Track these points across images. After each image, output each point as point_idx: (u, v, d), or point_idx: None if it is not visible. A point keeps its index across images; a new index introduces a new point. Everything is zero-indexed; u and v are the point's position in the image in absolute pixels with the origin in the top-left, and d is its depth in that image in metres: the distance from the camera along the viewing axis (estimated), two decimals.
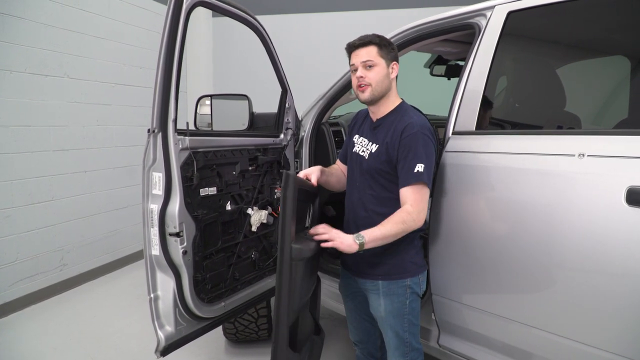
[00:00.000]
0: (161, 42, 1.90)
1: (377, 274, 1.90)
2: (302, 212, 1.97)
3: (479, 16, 2.10)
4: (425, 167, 1.74)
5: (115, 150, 4.58)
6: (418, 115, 1.88)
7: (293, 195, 1.66)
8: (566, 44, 2.19)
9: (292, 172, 1.72)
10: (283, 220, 1.64)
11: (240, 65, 5.76)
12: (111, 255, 4.65)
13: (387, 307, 1.90)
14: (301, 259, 1.69)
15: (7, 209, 3.56)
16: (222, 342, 3.24)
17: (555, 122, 2.03)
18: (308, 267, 1.89)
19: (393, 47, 1.88)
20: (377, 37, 1.87)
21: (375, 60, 1.83)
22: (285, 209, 1.65)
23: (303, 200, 1.88)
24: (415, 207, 1.74)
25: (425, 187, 1.77)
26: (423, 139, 1.77)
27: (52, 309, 3.78)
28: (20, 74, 3.58)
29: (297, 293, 1.77)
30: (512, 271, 1.83)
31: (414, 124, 1.79)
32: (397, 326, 1.91)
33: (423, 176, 1.74)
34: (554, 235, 1.68)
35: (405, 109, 1.90)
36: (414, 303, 1.92)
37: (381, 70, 1.84)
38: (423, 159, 1.75)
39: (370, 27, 3.60)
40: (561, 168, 1.68)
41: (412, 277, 1.89)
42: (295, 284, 1.70)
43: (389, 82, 1.88)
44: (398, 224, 1.71)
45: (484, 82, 2.00)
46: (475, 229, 1.93)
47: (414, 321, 1.94)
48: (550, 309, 1.73)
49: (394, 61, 1.88)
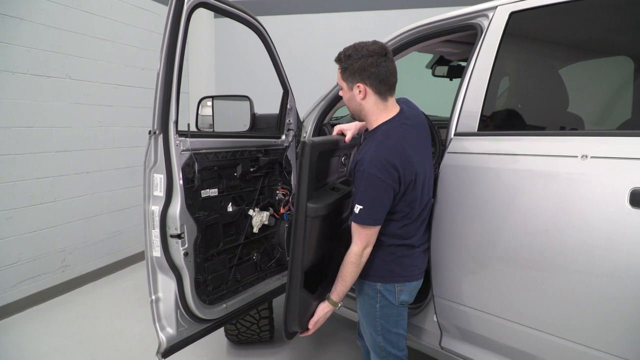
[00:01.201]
0: (162, 43, 1.90)
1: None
2: (332, 166, 2.12)
3: (481, 17, 2.10)
4: (364, 209, 1.72)
5: (117, 152, 4.58)
6: (380, 146, 1.73)
7: (310, 162, 1.76)
8: (569, 45, 2.18)
9: (309, 140, 1.78)
10: (299, 184, 1.77)
11: (242, 66, 5.75)
12: (113, 256, 4.65)
13: (360, 306, 1.98)
14: (315, 217, 1.80)
15: (9, 210, 3.57)
16: (224, 343, 3.24)
17: (558, 123, 2.02)
18: (327, 220, 1.95)
19: (357, 68, 1.75)
20: (344, 56, 1.79)
21: (340, 84, 1.86)
22: (301, 175, 1.77)
23: (329, 156, 2.05)
24: (358, 245, 1.79)
25: (358, 228, 1.77)
26: (367, 178, 1.70)
27: (54, 310, 3.78)
28: (23, 75, 3.58)
29: (314, 245, 1.88)
30: (514, 273, 1.82)
31: (364, 161, 1.73)
32: (370, 328, 1.96)
33: (359, 218, 1.75)
34: (557, 237, 1.67)
35: (378, 135, 1.78)
36: (386, 309, 1.91)
37: (345, 94, 1.86)
38: (362, 200, 1.73)
39: (371, 28, 3.61)
40: (564, 169, 1.67)
41: (384, 284, 1.89)
42: (311, 238, 1.83)
43: (357, 105, 1.83)
44: (353, 269, 1.81)
45: (486, 83, 1.99)
46: (477, 231, 1.93)
47: (388, 328, 1.93)
48: (553, 311, 1.72)
49: (358, 83, 1.78)
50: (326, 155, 2.01)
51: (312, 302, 1.93)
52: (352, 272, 1.82)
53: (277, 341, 3.24)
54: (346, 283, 1.84)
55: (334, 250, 2.17)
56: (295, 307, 1.86)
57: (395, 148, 1.74)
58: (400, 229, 1.86)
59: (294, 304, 1.85)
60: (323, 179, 2.04)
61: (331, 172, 2.16)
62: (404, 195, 1.79)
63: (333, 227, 2.09)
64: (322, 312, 1.93)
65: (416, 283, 1.95)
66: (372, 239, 1.80)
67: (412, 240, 1.89)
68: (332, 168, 2.16)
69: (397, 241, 1.87)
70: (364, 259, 1.81)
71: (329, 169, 2.11)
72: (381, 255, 1.88)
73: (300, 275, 1.83)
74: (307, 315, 1.93)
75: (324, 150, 1.90)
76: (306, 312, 1.92)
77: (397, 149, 1.74)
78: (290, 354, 3.11)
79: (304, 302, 1.88)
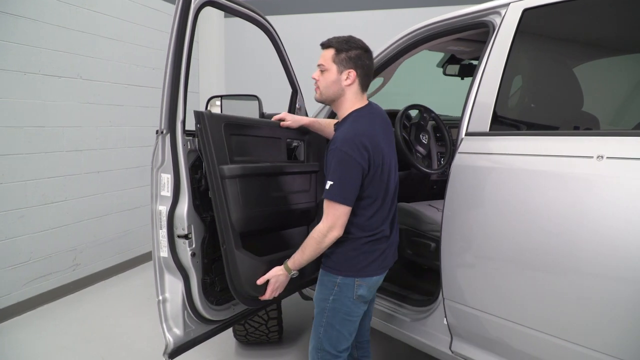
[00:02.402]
0: (169, 42, 1.90)
1: (322, 262, 1.99)
2: (266, 146, 2.23)
3: (493, 14, 2.06)
4: (335, 185, 1.77)
5: (128, 151, 4.60)
6: (352, 128, 1.83)
7: (210, 131, 1.91)
8: (584, 42, 2.14)
9: (206, 111, 1.96)
10: (207, 150, 1.91)
11: (252, 66, 5.74)
12: (123, 255, 4.67)
13: (317, 294, 2.00)
14: (231, 177, 1.94)
15: (21, 209, 3.59)
16: (232, 344, 3.23)
17: (572, 123, 1.98)
18: (254, 184, 2.08)
19: (353, 56, 1.86)
20: (340, 41, 1.87)
21: (327, 65, 1.89)
22: (205, 142, 1.91)
23: (250, 134, 2.17)
24: (325, 223, 1.82)
25: (334, 203, 1.79)
26: (339, 155, 1.77)
27: (65, 308, 3.80)
28: (34, 75, 3.60)
29: (243, 207, 1.98)
30: (526, 276, 1.77)
31: (336, 139, 1.82)
32: (317, 318, 1.99)
33: (329, 194, 1.79)
34: (571, 240, 1.63)
35: (349, 120, 1.89)
36: (337, 304, 1.92)
37: (330, 76, 1.88)
38: (333, 176, 1.78)
39: (380, 26, 3.57)
40: (578, 170, 1.63)
41: (344, 277, 1.91)
42: (236, 199, 1.95)
43: (339, 89, 1.89)
44: (314, 245, 1.84)
45: (498, 82, 1.95)
46: (488, 233, 1.89)
47: (333, 323, 1.94)
48: (568, 317, 1.68)
49: (350, 69, 1.86)
50: (243, 131, 2.11)
51: (260, 264, 1.98)
52: (312, 248, 1.85)
53: (286, 342, 3.22)
54: (304, 255, 1.88)
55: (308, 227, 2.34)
56: (235, 267, 1.92)
57: (366, 131, 1.83)
58: (369, 219, 1.89)
59: (232, 263, 1.92)
60: (250, 154, 2.13)
61: (267, 151, 2.23)
62: (373, 178, 1.84)
63: (272, 196, 2.18)
64: (273, 273, 1.95)
65: (377, 278, 1.97)
66: (340, 220, 1.81)
67: (379, 231, 1.91)
68: (268, 148, 2.24)
69: (364, 234, 1.89)
70: (328, 240, 1.82)
71: (259, 147, 2.20)
72: (345, 249, 1.91)
73: (231, 234, 1.91)
74: (255, 277, 1.96)
75: (233, 124, 2.04)
76: (253, 274, 1.96)
77: (367, 131, 1.83)
78: (299, 355, 3.09)
79: (245, 262, 1.94)
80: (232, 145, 2.01)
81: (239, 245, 1.95)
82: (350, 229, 1.88)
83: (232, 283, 1.96)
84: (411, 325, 2.33)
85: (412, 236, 2.70)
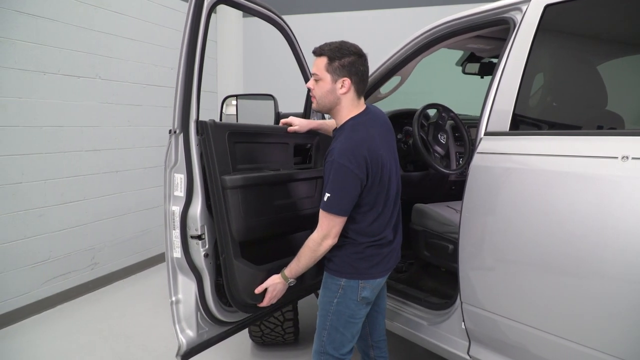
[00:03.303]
0: (182, 41, 1.88)
1: (325, 265, 1.98)
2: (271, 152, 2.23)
3: (513, 10, 2.00)
4: (331, 197, 1.76)
5: (146, 150, 4.62)
6: (349, 138, 1.80)
7: (213, 140, 1.91)
8: (608, 39, 2.07)
9: (210, 120, 1.95)
10: (210, 161, 1.92)
11: (270, 65, 5.74)
12: (141, 254, 4.70)
13: (321, 297, 1.99)
14: (233, 188, 1.93)
15: (40, 208, 3.63)
16: (248, 344, 3.22)
17: (596, 122, 1.91)
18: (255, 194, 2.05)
19: (347, 63, 1.81)
20: (332, 49, 1.83)
21: (320, 74, 1.85)
22: (209, 152, 1.92)
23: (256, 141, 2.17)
24: (319, 232, 1.83)
25: (329, 214, 1.79)
26: (336, 168, 1.75)
27: (83, 307, 3.83)
28: (53, 75, 3.63)
29: (244, 216, 1.97)
30: (549, 280, 1.72)
31: (333, 151, 1.79)
32: (320, 320, 1.98)
33: (326, 206, 1.78)
34: (596, 243, 1.57)
35: (346, 128, 1.85)
36: (341, 306, 1.91)
37: (325, 85, 1.85)
38: (330, 189, 1.77)
39: (398, 25, 3.52)
40: (603, 171, 1.56)
41: (348, 279, 1.90)
42: (237, 209, 1.94)
43: (335, 98, 1.86)
44: (309, 254, 1.86)
45: (518, 80, 1.89)
46: (508, 235, 1.83)
47: (337, 326, 1.93)
48: (592, 323, 1.61)
49: (344, 77, 1.82)
50: (248, 139, 2.12)
51: (258, 273, 2.00)
52: (307, 257, 1.87)
53: (302, 343, 3.20)
54: (300, 263, 1.90)
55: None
56: (233, 276, 1.94)
57: (363, 140, 1.79)
58: (370, 225, 1.88)
59: (230, 273, 1.94)
60: (255, 161, 2.14)
61: (272, 158, 2.24)
62: (372, 187, 1.82)
63: (275, 205, 2.16)
64: (270, 282, 1.98)
65: (380, 280, 1.96)
66: (334, 230, 1.81)
67: (381, 237, 1.90)
68: (274, 154, 2.25)
69: (366, 239, 1.88)
70: (323, 249, 1.84)
71: (265, 154, 2.21)
72: (348, 253, 1.90)
73: (230, 244, 1.93)
74: (253, 286, 1.98)
75: (237, 132, 2.02)
76: (251, 282, 1.98)
77: (365, 140, 1.79)
78: None
79: (243, 272, 1.95)
80: (236, 153, 2.01)
81: (237, 255, 1.96)
82: (352, 234, 1.88)
83: (230, 291, 1.97)
84: (428, 328, 2.29)
85: (430, 238, 2.65)
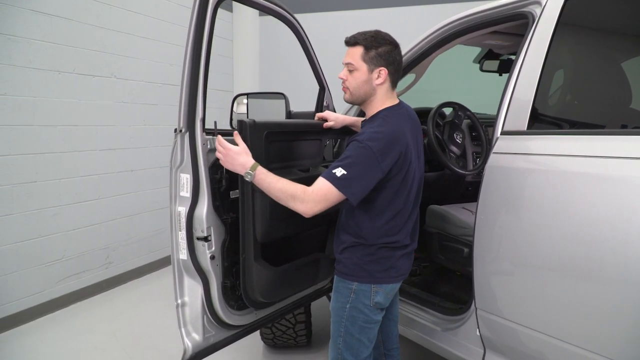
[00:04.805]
0: (187, 38, 1.84)
1: (335, 268, 1.93)
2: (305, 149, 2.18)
3: (533, 4, 1.91)
4: (347, 175, 1.63)
5: (161, 150, 4.61)
6: (382, 125, 1.73)
7: (250, 140, 1.84)
8: (633, 34, 1.97)
9: (249, 119, 1.88)
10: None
11: (286, 64, 5.70)
12: (155, 254, 4.70)
13: (333, 303, 1.93)
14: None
15: (54, 207, 3.64)
16: (259, 347, 3.17)
17: (619, 121, 1.83)
18: None
19: (383, 52, 1.75)
20: (367, 38, 1.76)
21: (356, 64, 1.78)
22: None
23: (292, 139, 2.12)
24: (312, 194, 1.66)
25: (331, 188, 1.64)
26: (359, 148, 1.66)
27: (97, 306, 3.84)
28: (69, 75, 3.64)
29: (268, 218, 1.90)
30: (568, 286, 1.63)
31: (364, 133, 1.72)
32: (334, 327, 1.92)
33: (332, 178, 1.64)
34: (619, 247, 1.48)
35: (379, 117, 1.79)
36: (355, 312, 1.85)
37: (360, 75, 1.79)
38: (349, 165, 1.64)
39: (414, 23, 3.43)
40: (626, 173, 1.48)
41: (360, 283, 1.84)
42: (263, 210, 1.88)
43: (370, 88, 1.80)
44: (288, 192, 1.68)
45: (537, 77, 1.81)
46: (526, 238, 1.75)
47: (352, 332, 1.87)
48: (617, 334, 1.53)
49: (380, 67, 1.76)
50: (285, 137, 2.06)
51: (275, 275, 2.00)
52: (282, 195, 1.68)
53: (315, 346, 3.14)
54: (271, 190, 1.70)
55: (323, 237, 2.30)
56: (251, 277, 1.92)
57: (394, 131, 1.73)
58: (385, 225, 1.80)
59: (249, 274, 1.93)
60: (287, 160, 2.09)
61: (304, 155, 2.19)
62: (393, 183, 1.75)
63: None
64: (230, 162, 1.75)
65: (393, 285, 1.88)
66: (323, 204, 1.66)
67: (395, 239, 1.82)
68: (305, 151, 2.19)
69: (380, 240, 1.81)
70: (297, 206, 1.66)
71: (297, 151, 2.16)
72: (359, 255, 1.84)
73: (252, 245, 1.89)
74: (270, 287, 1.99)
75: (275, 131, 1.97)
76: (267, 283, 1.97)
77: (396, 132, 1.73)
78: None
79: (261, 273, 1.93)
80: (270, 153, 1.95)
81: (258, 257, 1.93)
82: (365, 233, 1.81)
83: (245, 290, 1.97)
84: (442, 334, 2.21)
85: (444, 240, 2.57)
